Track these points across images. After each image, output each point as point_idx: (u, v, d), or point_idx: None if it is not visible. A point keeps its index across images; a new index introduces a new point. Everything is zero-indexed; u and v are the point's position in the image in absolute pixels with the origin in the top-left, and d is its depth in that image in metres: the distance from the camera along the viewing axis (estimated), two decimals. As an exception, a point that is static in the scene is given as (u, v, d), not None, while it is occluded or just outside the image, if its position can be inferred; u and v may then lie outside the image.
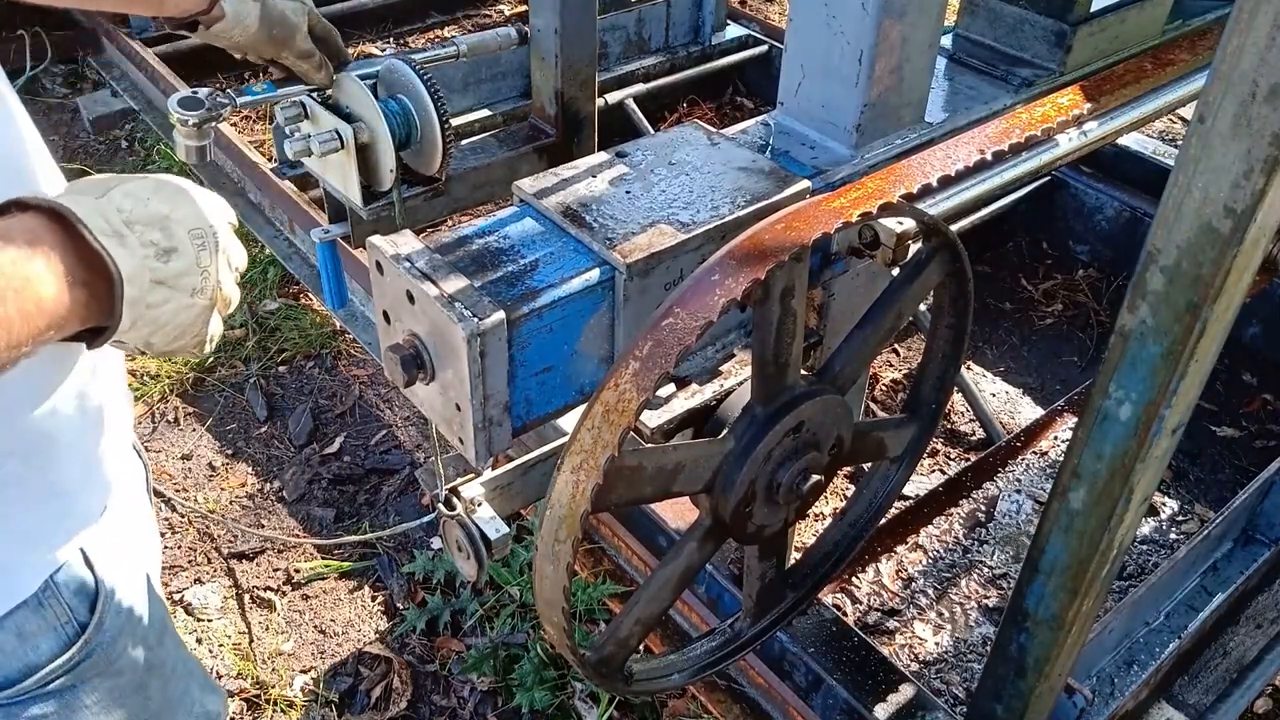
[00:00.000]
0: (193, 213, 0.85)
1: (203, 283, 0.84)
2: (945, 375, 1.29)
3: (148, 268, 0.80)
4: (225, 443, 2.66)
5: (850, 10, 1.33)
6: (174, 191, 0.85)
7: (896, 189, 1.09)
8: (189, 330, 0.86)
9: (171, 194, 0.85)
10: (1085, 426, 1.02)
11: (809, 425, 1.08)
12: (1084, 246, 3.07)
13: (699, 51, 3.59)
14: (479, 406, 1.03)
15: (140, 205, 0.81)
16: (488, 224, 1.17)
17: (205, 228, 0.85)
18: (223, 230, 0.89)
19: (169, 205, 0.83)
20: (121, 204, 0.80)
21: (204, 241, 0.85)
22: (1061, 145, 1.40)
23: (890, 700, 1.51)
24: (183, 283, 0.83)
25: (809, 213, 1.00)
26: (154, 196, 0.83)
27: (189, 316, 0.85)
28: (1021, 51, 1.71)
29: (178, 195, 0.85)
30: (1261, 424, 2.59)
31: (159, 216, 0.82)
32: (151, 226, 0.81)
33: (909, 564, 2.16)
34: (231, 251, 0.91)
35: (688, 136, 1.29)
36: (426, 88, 1.34)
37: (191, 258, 0.83)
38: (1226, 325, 0.93)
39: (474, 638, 2.20)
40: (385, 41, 4.07)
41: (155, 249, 0.81)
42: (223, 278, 0.89)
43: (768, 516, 1.12)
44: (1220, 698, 1.76)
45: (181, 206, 0.84)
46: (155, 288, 0.81)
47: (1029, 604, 1.16)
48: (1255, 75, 0.77)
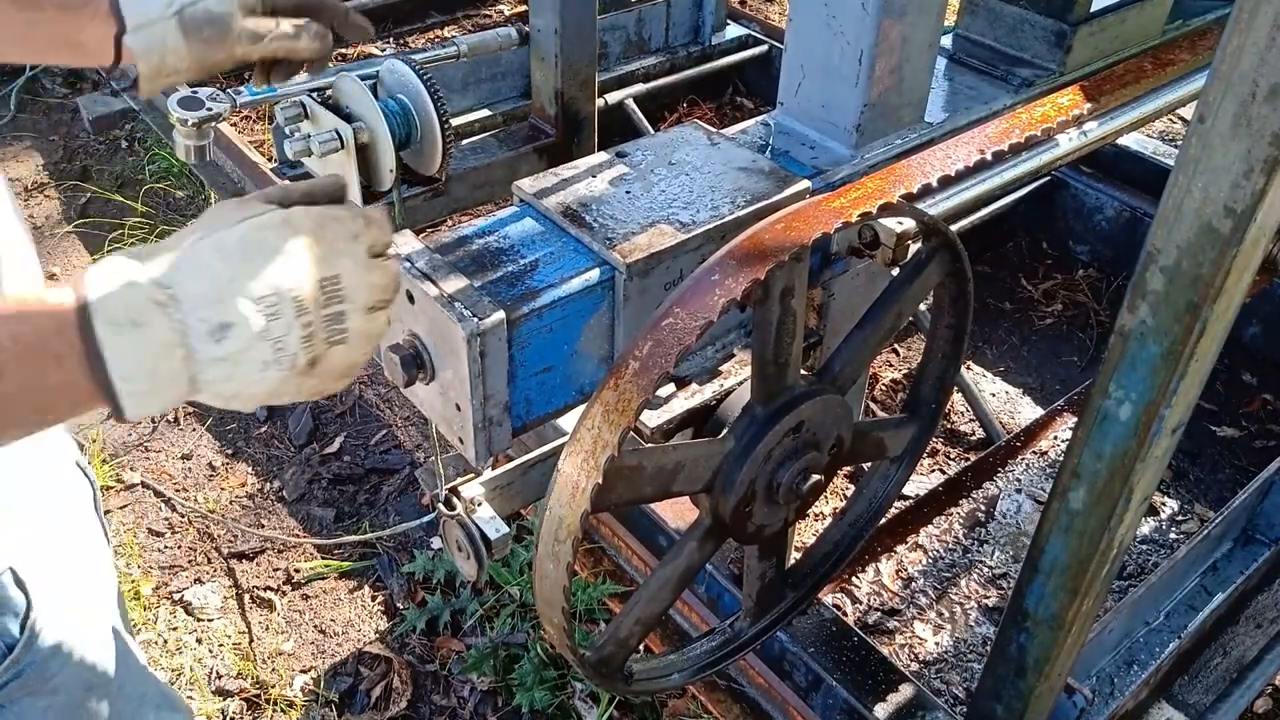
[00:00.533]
0: (267, 277, 0.73)
1: (275, 354, 0.74)
2: (945, 375, 1.29)
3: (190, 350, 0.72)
4: (225, 443, 2.66)
5: (850, 10, 1.33)
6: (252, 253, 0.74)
7: (896, 189, 1.09)
8: (278, 394, 0.77)
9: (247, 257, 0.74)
10: (1085, 426, 1.02)
11: (809, 425, 1.08)
12: (1084, 246, 3.07)
13: (699, 51, 3.58)
14: (479, 406, 1.03)
15: (194, 280, 0.72)
16: (488, 224, 1.17)
17: (282, 292, 0.73)
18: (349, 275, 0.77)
19: (231, 274, 0.73)
20: (169, 277, 0.72)
21: (277, 310, 0.73)
22: (1061, 145, 1.40)
23: (890, 700, 1.51)
24: (247, 357, 0.73)
25: (809, 213, 1.00)
26: (219, 264, 0.73)
27: (266, 387, 0.76)
28: (1021, 51, 1.71)
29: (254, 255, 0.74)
30: (1261, 424, 2.59)
31: (213, 291, 0.72)
32: (202, 303, 0.72)
33: (909, 564, 2.16)
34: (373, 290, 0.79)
35: (688, 136, 1.29)
36: (426, 88, 1.34)
37: (253, 332, 0.73)
38: (1227, 325, 0.93)
39: (474, 637, 2.20)
40: (385, 41, 4.06)
41: (206, 326, 0.72)
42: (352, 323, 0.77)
43: (767, 516, 1.12)
44: (1220, 697, 1.76)
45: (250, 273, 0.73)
46: (212, 365, 0.73)
47: (1029, 604, 1.16)
48: (1255, 75, 0.77)
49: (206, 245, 0.74)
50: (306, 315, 0.75)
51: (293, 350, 0.75)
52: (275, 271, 0.74)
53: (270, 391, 0.76)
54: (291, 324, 0.74)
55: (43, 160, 3.70)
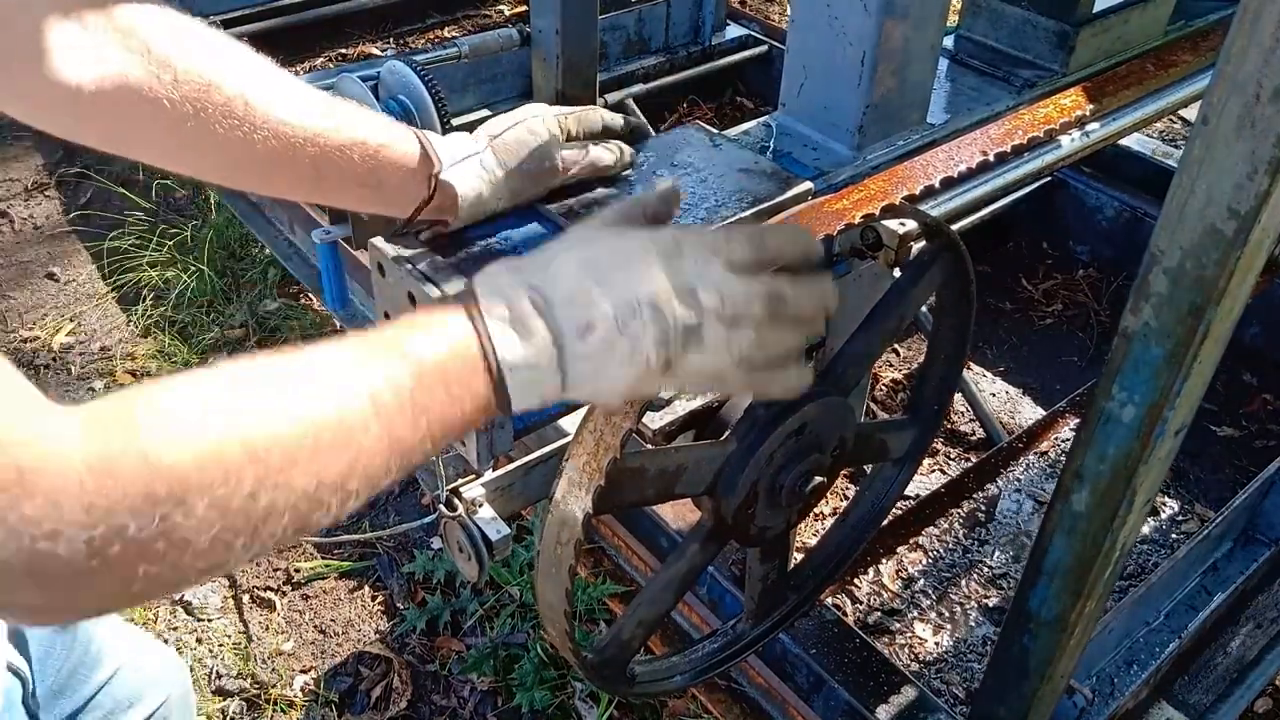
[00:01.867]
0: (626, 283, 0.79)
1: (631, 352, 0.79)
2: (947, 377, 1.29)
3: (555, 348, 0.78)
4: (225, 443, 2.66)
5: (853, 11, 1.33)
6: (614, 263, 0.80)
7: (899, 191, 1.09)
8: (638, 391, 0.82)
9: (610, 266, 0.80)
10: (1088, 428, 1.02)
11: (812, 427, 1.08)
12: (1084, 246, 3.07)
13: (699, 51, 3.58)
14: (481, 408, 1.03)
15: (563, 284, 0.79)
16: (490, 225, 1.17)
17: (639, 297, 0.78)
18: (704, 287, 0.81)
19: (594, 279, 0.79)
20: (545, 284, 0.79)
21: (634, 310, 0.78)
22: (1064, 146, 1.40)
23: (893, 702, 1.51)
24: (608, 356, 0.79)
25: (812, 214, 1.00)
26: (585, 270, 0.79)
27: (625, 383, 0.80)
28: (1024, 52, 1.71)
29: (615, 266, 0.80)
30: (1261, 424, 2.59)
31: (578, 293, 0.78)
32: (569, 304, 0.78)
33: (909, 564, 2.16)
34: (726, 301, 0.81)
35: (690, 138, 1.29)
36: (428, 89, 1.34)
37: (613, 329, 0.78)
38: (1230, 327, 0.93)
39: (474, 638, 2.20)
40: (385, 42, 4.06)
41: (574, 324, 0.78)
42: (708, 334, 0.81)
43: (770, 518, 1.11)
44: (1220, 698, 1.76)
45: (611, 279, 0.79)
46: (578, 361, 0.78)
47: (1032, 606, 1.16)
48: (1260, 76, 0.77)
49: (572, 258, 0.81)
50: (661, 319, 0.79)
51: (646, 350, 0.79)
52: (633, 279, 0.80)
53: (630, 388, 0.81)
54: (647, 325, 0.79)
55: (43, 160, 3.70)
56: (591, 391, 0.81)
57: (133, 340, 2.96)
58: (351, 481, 0.69)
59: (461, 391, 0.75)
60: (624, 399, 0.83)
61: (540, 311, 0.78)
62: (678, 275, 0.81)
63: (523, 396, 0.78)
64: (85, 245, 3.33)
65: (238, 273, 3.13)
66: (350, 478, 0.69)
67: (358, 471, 0.69)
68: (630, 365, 0.79)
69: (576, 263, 0.80)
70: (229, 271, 3.13)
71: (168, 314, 2.98)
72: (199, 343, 2.90)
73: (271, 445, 0.64)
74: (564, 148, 1.14)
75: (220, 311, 3.01)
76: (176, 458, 0.60)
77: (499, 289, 0.78)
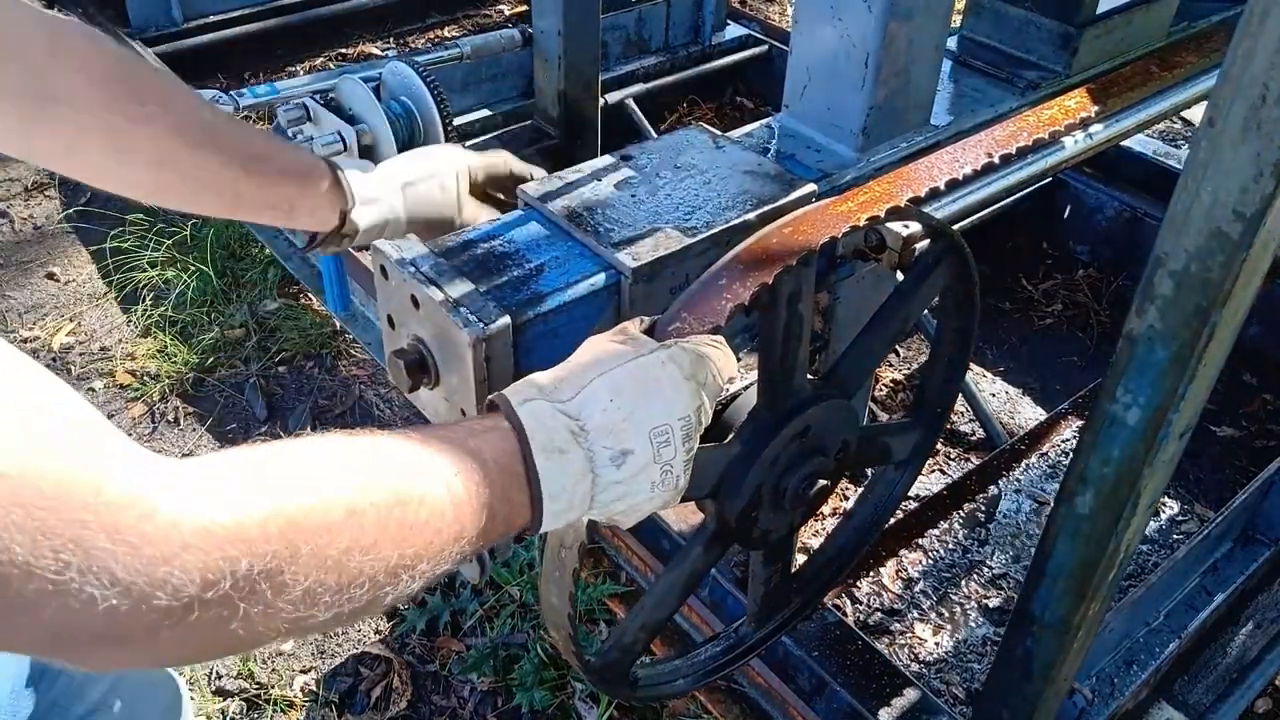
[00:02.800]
0: (658, 410, 0.83)
1: (663, 477, 0.83)
2: (950, 379, 1.29)
3: (591, 475, 0.81)
4: (225, 443, 2.66)
5: (856, 13, 1.33)
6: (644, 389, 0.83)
7: (903, 193, 1.09)
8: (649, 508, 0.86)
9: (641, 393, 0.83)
10: (1092, 431, 1.01)
11: (815, 430, 1.08)
12: (1084, 246, 3.07)
13: (699, 51, 3.58)
14: (484, 411, 1.03)
15: (598, 413, 0.81)
16: (492, 228, 1.16)
17: (672, 423, 0.83)
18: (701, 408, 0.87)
19: (629, 408, 0.82)
20: (579, 412, 0.81)
21: (668, 438, 0.83)
22: (1068, 148, 1.39)
23: (895, 705, 1.51)
24: (639, 480, 0.83)
25: (816, 217, 0.99)
26: (617, 399, 0.82)
27: (651, 505, 0.86)
28: (1027, 54, 1.71)
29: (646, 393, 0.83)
30: (1261, 424, 2.59)
31: (614, 423, 0.81)
32: (605, 433, 0.81)
33: (909, 564, 2.16)
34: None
35: (692, 139, 1.29)
36: (430, 90, 1.34)
37: (648, 457, 0.82)
38: (1235, 329, 0.93)
39: (474, 638, 2.19)
40: (385, 42, 4.06)
41: (609, 453, 0.81)
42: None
43: (773, 521, 1.11)
44: (1220, 698, 1.76)
45: (644, 406, 0.82)
46: (610, 487, 0.82)
47: (1035, 608, 1.16)
48: (1266, 78, 0.77)
49: (603, 383, 0.83)
50: (690, 442, 0.85)
51: (677, 473, 0.85)
52: (664, 406, 0.83)
53: (653, 509, 0.86)
54: (677, 450, 0.84)
55: (41, 159, 3.69)
56: (619, 511, 0.84)
57: (133, 340, 2.95)
58: (423, 563, 0.71)
59: (513, 496, 0.77)
60: (644, 512, 0.87)
61: (577, 440, 0.80)
62: (697, 397, 0.85)
63: (553, 520, 0.80)
64: (85, 245, 3.32)
65: (238, 273, 3.13)
66: (423, 559, 0.71)
67: (431, 554, 0.72)
68: (661, 489, 0.84)
69: (609, 388, 0.82)
70: (229, 271, 3.12)
71: (168, 314, 2.97)
72: (199, 343, 2.90)
73: (367, 509, 0.67)
74: (466, 204, 1.27)
75: (220, 311, 3.00)
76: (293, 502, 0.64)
77: (536, 414, 0.80)
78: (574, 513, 0.81)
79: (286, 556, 0.62)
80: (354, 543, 0.66)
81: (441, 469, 0.73)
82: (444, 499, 0.72)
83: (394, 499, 0.69)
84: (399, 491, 0.70)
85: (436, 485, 0.72)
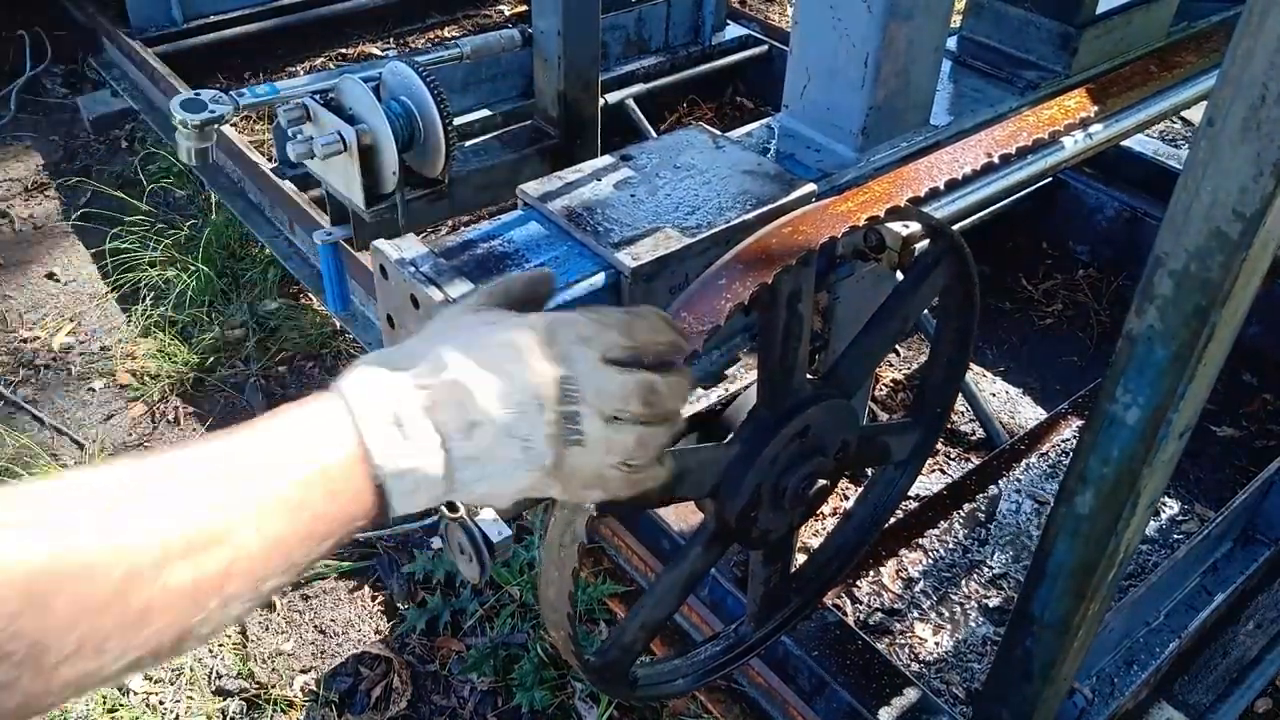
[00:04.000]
0: (510, 374, 0.75)
1: (524, 453, 0.76)
2: (950, 379, 1.29)
3: (447, 450, 0.74)
4: (225, 443, 2.65)
5: (856, 13, 1.33)
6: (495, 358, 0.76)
7: (903, 193, 1.09)
8: (532, 492, 0.79)
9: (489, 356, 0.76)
10: (1092, 430, 1.01)
11: (815, 430, 1.08)
12: (1084, 246, 3.07)
13: (699, 51, 3.58)
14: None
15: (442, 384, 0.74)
16: (492, 228, 1.16)
17: (524, 390, 0.75)
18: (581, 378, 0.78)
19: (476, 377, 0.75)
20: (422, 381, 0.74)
21: (522, 406, 0.75)
22: (1068, 148, 1.39)
23: (895, 704, 1.51)
24: (496, 455, 0.75)
25: (815, 217, 0.99)
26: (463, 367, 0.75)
27: (519, 484, 0.77)
28: (1027, 54, 1.71)
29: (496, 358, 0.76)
30: (1261, 424, 2.60)
31: (460, 394, 0.74)
32: (451, 406, 0.74)
33: (909, 564, 2.16)
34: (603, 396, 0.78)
35: (692, 139, 1.29)
36: (430, 90, 1.34)
37: (499, 428, 0.74)
38: (1235, 329, 0.93)
39: (474, 638, 2.19)
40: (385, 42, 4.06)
41: (456, 425, 0.74)
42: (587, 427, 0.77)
43: (773, 521, 1.11)
44: (1220, 697, 1.76)
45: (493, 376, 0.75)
46: (466, 464, 0.75)
47: (1035, 608, 1.16)
48: (1265, 78, 0.77)
49: (450, 351, 0.76)
50: (549, 413, 0.76)
51: (540, 448, 0.76)
52: (516, 371, 0.76)
53: (521, 490, 0.78)
54: (536, 421, 0.76)
55: (43, 160, 3.69)
56: (484, 492, 0.77)
57: (133, 340, 2.95)
58: (231, 583, 0.65)
59: (344, 488, 0.71)
60: (527, 494, 0.79)
61: (425, 411, 0.73)
62: (559, 364, 0.77)
63: (406, 502, 0.73)
64: (85, 245, 3.32)
65: (238, 273, 3.13)
66: (230, 578, 0.65)
67: (238, 571, 0.65)
68: (526, 467, 0.77)
69: (455, 356, 0.76)
70: (229, 271, 3.12)
71: (168, 314, 2.97)
72: (199, 343, 2.90)
73: (141, 540, 0.61)
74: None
75: (220, 311, 3.00)
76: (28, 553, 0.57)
77: (377, 387, 0.73)
78: (430, 491, 0.74)
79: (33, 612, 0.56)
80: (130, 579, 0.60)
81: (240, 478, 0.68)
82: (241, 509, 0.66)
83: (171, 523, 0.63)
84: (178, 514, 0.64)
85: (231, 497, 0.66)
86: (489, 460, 0.75)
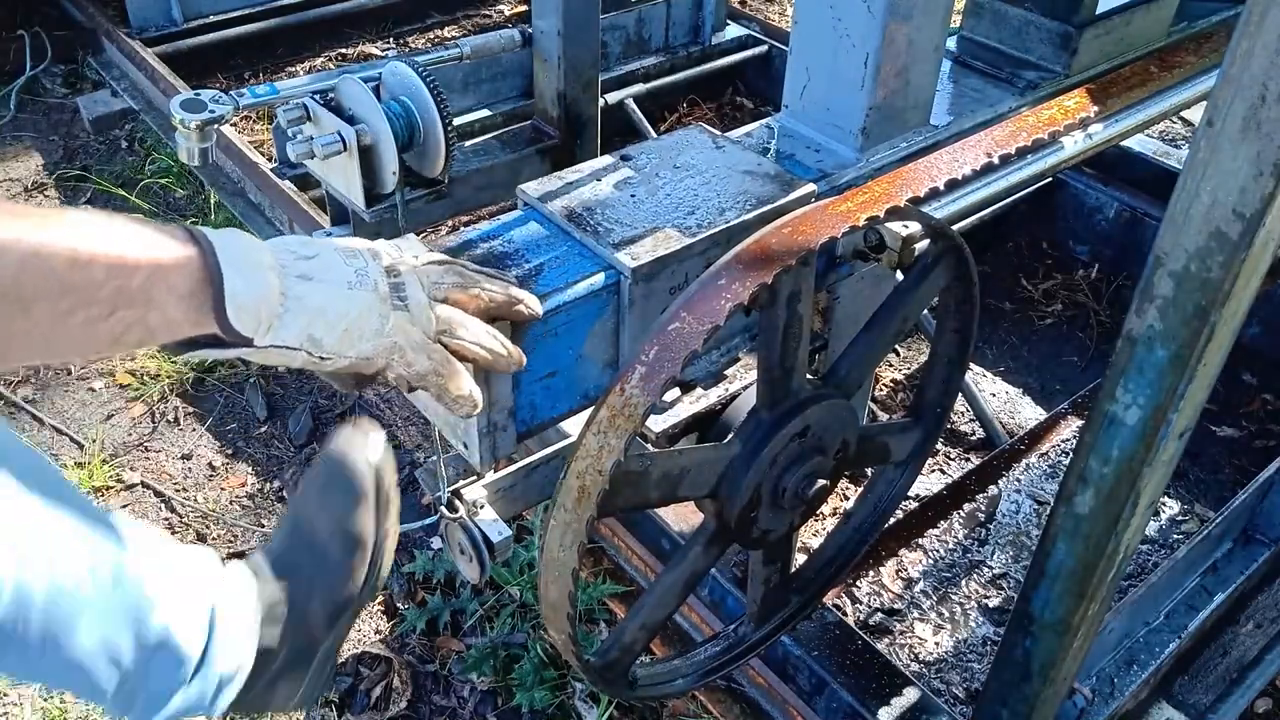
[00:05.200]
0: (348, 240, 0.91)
1: (358, 278, 0.86)
2: (950, 379, 1.29)
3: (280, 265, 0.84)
4: (225, 443, 2.66)
5: (856, 13, 1.33)
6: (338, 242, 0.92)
7: (903, 193, 1.09)
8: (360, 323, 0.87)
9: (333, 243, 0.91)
10: (1092, 431, 1.01)
11: (814, 430, 1.08)
12: (1084, 246, 3.07)
13: (699, 51, 3.58)
14: (484, 412, 1.03)
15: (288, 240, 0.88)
16: (492, 228, 1.16)
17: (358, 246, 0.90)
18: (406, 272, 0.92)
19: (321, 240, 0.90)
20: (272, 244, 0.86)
21: (355, 253, 0.89)
22: (1068, 148, 1.39)
23: (895, 704, 1.51)
24: (331, 275, 0.86)
25: (815, 217, 0.99)
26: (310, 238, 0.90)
27: (350, 306, 0.85)
28: (1027, 54, 1.71)
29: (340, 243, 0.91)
30: (1261, 424, 2.59)
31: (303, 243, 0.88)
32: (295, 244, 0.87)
33: (909, 563, 2.16)
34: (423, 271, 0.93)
35: (692, 139, 1.29)
36: (430, 90, 1.34)
37: (337, 258, 0.87)
38: (1235, 329, 0.93)
39: (474, 638, 2.19)
40: (386, 42, 4.06)
41: (294, 255, 0.85)
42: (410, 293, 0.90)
43: (773, 521, 1.11)
44: (1220, 697, 1.76)
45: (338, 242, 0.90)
46: (297, 282, 0.84)
47: (1035, 609, 1.16)
48: (1265, 78, 0.77)
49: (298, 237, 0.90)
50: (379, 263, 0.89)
51: (374, 276, 0.87)
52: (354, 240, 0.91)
53: (360, 314, 0.86)
54: (369, 263, 0.88)
55: (43, 160, 3.69)
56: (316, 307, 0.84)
57: (132, 340, 2.95)
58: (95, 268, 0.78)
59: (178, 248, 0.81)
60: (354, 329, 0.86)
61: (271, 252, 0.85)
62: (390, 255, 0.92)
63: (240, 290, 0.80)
64: (85, 245, 3.32)
65: (237, 272, 3.13)
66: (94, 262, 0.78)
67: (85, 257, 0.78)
68: (360, 289, 0.86)
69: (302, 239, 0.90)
70: (229, 271, 3.12)
71: (167, 314, 2.97)
72: (199, 343, 2.90)
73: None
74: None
75: (220, 311, 3.00)
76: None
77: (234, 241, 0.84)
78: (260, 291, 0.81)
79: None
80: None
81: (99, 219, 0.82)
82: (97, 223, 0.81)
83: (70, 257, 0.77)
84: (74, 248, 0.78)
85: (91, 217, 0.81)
86: (322, 279, 0.84)
